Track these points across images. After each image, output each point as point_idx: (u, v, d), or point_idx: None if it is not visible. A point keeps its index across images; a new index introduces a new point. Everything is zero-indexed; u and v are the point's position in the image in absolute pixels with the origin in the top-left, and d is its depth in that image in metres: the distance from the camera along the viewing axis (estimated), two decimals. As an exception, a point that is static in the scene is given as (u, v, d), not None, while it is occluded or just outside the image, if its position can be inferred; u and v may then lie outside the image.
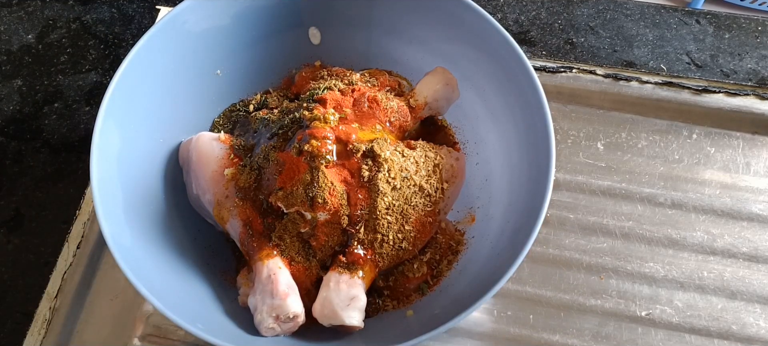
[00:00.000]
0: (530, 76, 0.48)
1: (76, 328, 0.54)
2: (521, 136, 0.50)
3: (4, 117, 0.64)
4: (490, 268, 0.45)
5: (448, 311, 0.43)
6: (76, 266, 0.55)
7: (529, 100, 0.48)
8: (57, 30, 0.69)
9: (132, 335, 0.53)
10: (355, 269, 0.46)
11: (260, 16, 0.54)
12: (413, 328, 0.44)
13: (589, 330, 0.53)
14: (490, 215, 0.51)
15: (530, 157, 0.48)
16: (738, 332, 0.53)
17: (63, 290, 0.54)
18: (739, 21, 0.67)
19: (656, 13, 0.68)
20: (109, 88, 0.46)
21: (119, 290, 0.55)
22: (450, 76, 0.53)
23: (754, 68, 0.64)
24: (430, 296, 0.49)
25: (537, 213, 0.43)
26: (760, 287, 0.55)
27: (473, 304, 0.41)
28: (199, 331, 0.41)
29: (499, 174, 0.52)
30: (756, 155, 0.61)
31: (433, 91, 0.53)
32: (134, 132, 0.48)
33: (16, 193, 0.60)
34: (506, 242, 0.46)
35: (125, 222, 0.45)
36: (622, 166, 0.60)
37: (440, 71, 0.53)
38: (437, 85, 0.53)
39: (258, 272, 0.47)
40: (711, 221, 0.58)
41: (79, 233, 0.57)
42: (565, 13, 0.68)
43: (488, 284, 0.42)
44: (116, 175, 0.46)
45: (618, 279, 0.55)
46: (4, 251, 0.57)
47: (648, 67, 0.65)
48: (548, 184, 0.44)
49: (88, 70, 0.66)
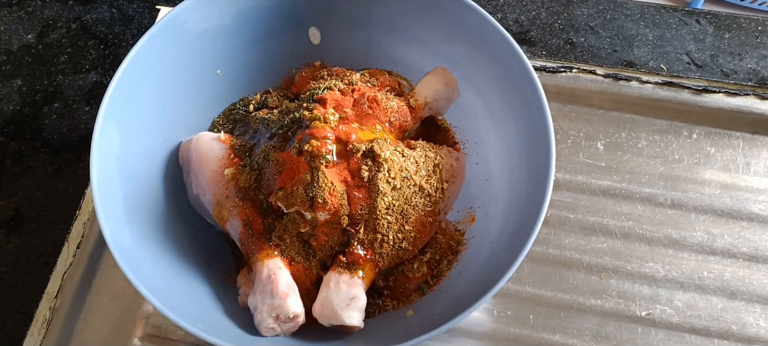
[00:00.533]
0: (530, 76, 0.48)
1: (76, 328, 0.54)
2: (521, 136, 0.50)
3: (4, 117, 0.64)
4: (490, 268, 0.45)
5: (448, 311, 0.43)
6: (76, 266, 0.55)
7: (529, 100, 0.48)
8: (57, 30, 0.69)
9: (132, 335, 0.53)
10: (355, 269, 0.46)
11: (260, 16, 0.54)
12: (413, 328, 0.44)
13: (589, 330, 0.53)
14: (490, 215, 0.51)
15: (530, 157, 0.48)
16: (738, 332, 0.53)
17: (63, 290, 0.54)
18: (739, 21, 0.67)
19: (656, 13, 0.68)
20: (109, 88, 0.46)
21: (119, 290, 0.55)
22: (450, 76, 0.53)
23: (754, 68, 0.64)
24: (430, 296, 0.49)
25: (537, 213, 0.43)
26: (760, 287, 0.55)
27: (473, 304, 0.41)
28: (199, 331, 0.41)
29: (499, 174, 0.52)
30: (756, 155, 0.61)
31: (433, 91, 0.53)
32: (134, 132, 0.48)
33: (16, 193, 0.60)
34: (506, 242, 0.46)
35: (125, 222, 0.45)
36: (622, 166, 0.60)
37: (440, 71, 0.53)
38: (437, 85, 0.53)
39: (258, 272, 0.46)
40: (711, 221, 0.58)
41: (79, 233, 0.57)
42: (565, 13, 0.68)
43: (488, 284, 0.42)
44: (116, 175, 0.46)
45: (618, 279, 0.55)
46: (4, 251, 0.57)
47: (648, 67, 0.65)
48: (548, 184, 0.44)
49: (88, 70, 0.66)
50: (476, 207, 0.53)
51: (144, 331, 0.53)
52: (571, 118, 0.63)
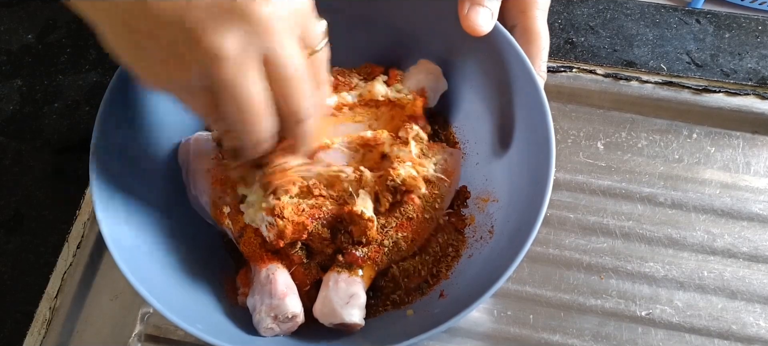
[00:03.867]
0: (531, 75, 0.48)
1: (76, 328, 0.54)
2: (521, 136, 0.50)
3: (4, 117, 0.64)
4: (490, 268, 0.45)
5: (448, 311, 0.43)
6: (76, 266, 0.55)
7: (529, 100, 0.48)
8: (57, 30, 0.69)
9: (132, 335, 0.53)
10: (354, 269, 0.46)
11: None
12: (413, 328, 0.43)
13: (589, 330, 0.53)
14: (490, 214, 0.51)
15: (530, 156, 0.48)
16: (738, 332, 0.53)
17: (63, 290, 0.54)
18: (739, 20, 0.67)
19: (656, 12, 0.68)
20: (108, 87, 0.46)
21: (119, 290, 0.55)
22: (432, 65, 0.53)
23: (754, 68, 0.64)
24: (430, 295, 0.49)
25: (537, 212, 0.43)
26: (760, 287, 0.55)
27: (472, 303, 0.41)
28: (198, 331, 0.41)
29: (499, 174, 0.52)
30: (756, 155, 0.61)
31: (417, 81, 0.53)
32: (134, 131, 0.48)
33: (16, 193, 0.60)
34: (506, 242, 0.46)
35: (125, 222, 0.45)
36: (622, 166, 0.60)
37: (423, 63, 0.54)
38: (419, 75, 0.53)
39: (257, 272, 0.47)
40: (711, 221, 0.58)
41: (79, 233, 0.57)
42: (565, 12, 0.68)
43: (488, 283, 0.42)
44: (115, 174, 0.46)
45: (618, 279, 0.55)
46: (4, 251, 0.57)
47: (648, 66, 0.65)
48: (548, 183, 0.44)
49: (88, 70, 0.67)
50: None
51: (144, 331, 0.53)
52: (571, 118, 0.63)
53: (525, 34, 0.50)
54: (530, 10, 0.49)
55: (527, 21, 0.49)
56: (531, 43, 0.49)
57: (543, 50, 0.50)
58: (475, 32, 0.47)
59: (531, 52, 0.49)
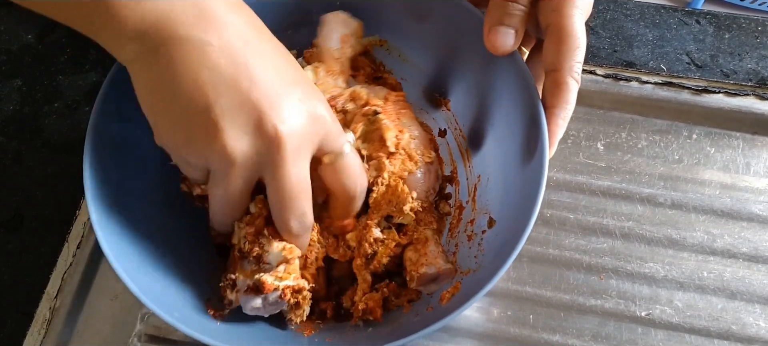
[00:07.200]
0: (526, 76, 0.47)
1: (76, 328, 0.54)
2: (516, 135, 0.49)
3: (4, 117, 0.64)
4: (486, 267, 0.45)
5: (446, 308, 0.43)
6: (76, 266, 0.55)
7: (527, 100, 0.48)
8: (57, 30, 0.69)
9: (132, 335, 0.53)
10: None
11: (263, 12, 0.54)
12: (412, 326, 0.43)
13: (589, 330, 0.53)
14: (486, 213, 0.51)
15: (525, 156, 0.48)
16: (738, 332, 0.53)
17: (63, 290, 0.54)
18: (739, 21, 0.67)
19: (656, 13, 0.68)
20: (104, 84, 0.46)
21: (119, 290, 0.55)
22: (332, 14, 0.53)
23: (754, 68, 0.64)
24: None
25: (530, 212, 0.43)
26: (760, 287, 0.55)
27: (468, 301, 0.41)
28: (198, 332, 0.41)
29: (494, 174, 0.52)
30: (756, 155, 0.61)
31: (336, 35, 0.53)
32: (130, 129, 0.48)
33: (16, 193, 0.60)
34: (501, 241, 0.46)
35: (119, 222, 0.45)
36: (622, 167, 0.60)
37: (329, 16, 0.53)
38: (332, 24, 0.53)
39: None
40: (711, 221, 0.58)
41: (79, 233, 0.57)
42: (565, 13, 0.68)
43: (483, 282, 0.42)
44: (112, 173, 0.46)
45: (618, 279, 0.55)
46: (4, 251, 0.57)
47: (648, 67, 0.65)
48: (541, 182, 0.43)
49: (88, 70, 0.67)
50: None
51: (144, 331, 0.53)
52: (570, 119, 0.63)
53: (556, 32, 0.45)
54: (565, 9, 0.45)
55: (561, 19, 0.45)
56: (561, 43, 0.44)
57: (577, 51, 0.44)
58: (496, 51, 0.46)
59: (561, 52, 0.44)
